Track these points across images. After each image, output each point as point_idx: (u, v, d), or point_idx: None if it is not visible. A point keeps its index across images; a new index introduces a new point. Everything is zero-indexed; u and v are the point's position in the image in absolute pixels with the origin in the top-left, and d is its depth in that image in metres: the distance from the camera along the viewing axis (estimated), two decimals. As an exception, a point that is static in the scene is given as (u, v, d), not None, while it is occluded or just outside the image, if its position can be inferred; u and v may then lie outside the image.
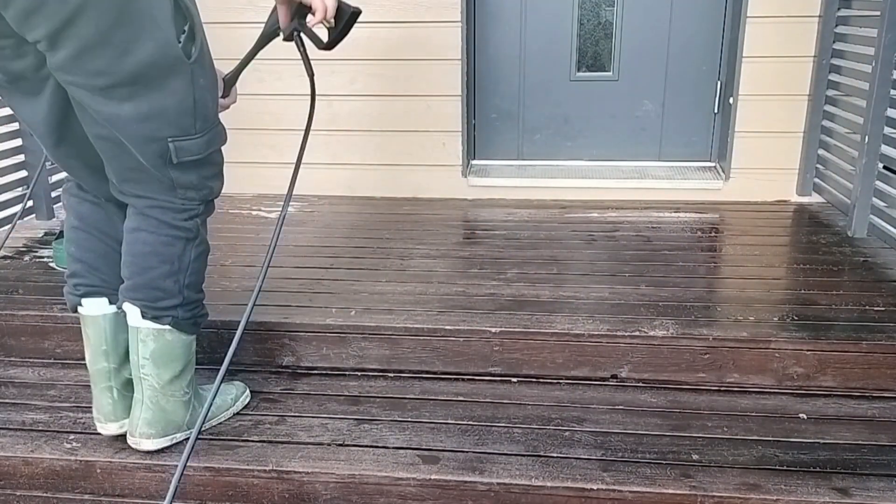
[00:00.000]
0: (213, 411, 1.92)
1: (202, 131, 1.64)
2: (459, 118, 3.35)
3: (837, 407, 2.01)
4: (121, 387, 1.84)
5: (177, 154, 1.61)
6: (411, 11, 3.23)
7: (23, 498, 1.87)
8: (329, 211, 3.30)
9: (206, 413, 1.62)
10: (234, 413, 1.99)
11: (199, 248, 1.76)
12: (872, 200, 2.79)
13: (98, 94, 1.51)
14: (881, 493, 1.65)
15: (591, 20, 3.41)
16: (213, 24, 3.31)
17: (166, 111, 1.56)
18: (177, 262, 1.71)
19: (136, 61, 1.48)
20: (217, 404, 1.94)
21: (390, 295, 2.37)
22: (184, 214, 1.71)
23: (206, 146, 1.67)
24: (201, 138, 1.64)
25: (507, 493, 1.72)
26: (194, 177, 1.68)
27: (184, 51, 1.53)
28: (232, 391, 2.01)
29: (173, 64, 1.52)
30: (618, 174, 3.44)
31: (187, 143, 1.62)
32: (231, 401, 1.99)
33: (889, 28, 2.61)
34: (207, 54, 1.62)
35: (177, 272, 1.71)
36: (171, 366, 1.77)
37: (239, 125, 3.48)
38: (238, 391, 2.03)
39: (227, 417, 1.97)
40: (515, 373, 2.17)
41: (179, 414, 1.82)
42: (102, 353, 1.82)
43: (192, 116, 1.60)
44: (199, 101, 1.60)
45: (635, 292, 2.37)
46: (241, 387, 2.05)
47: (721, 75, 3.38)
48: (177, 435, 1.83)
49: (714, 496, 1.66)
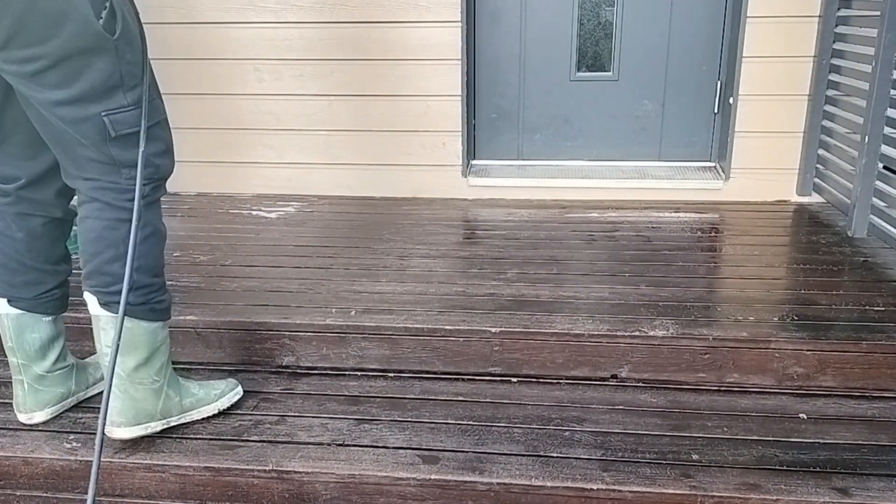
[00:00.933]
0: (192, 403, 1.93)
1: (135, 104, 1.65)
2: (459, 118, 3.36)
3: (837, 407, 2.01)
4: (32, 381, 1.91)
5: (113, 127, 1.62)
6: (411, 11, 3.23)
7: (23, 498, 1.87)
8: (329, 211, 3.30)
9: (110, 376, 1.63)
10: (218, 410, 1.97)
11: (146, 231, 1.74)
12: (872, 200, 2.79)
13: (30, 81, 1.55)
14: (881, 493, 1.65)
15: (591, 20, 3.41)
16: (214, 24, 3.34)
17: (95, 89, 1.59)
18: (122, 246, 1.71)
19: (60, 44, 1.52)
20: (198, 397, 1.93)
21: (390, 295, 2.37)
22: (128, 195, 1.70)
23: (144, 118, 1.68)
24: (136, 110, 1.65)
25: (507, 492, 1.72)
26: (136, 154, 1.68)
27: (105, 28, 1.55)
28: (219, 387, 2.00)
29: (97, 42, 1.55)
30: (618, 174, 3.44)
31: (122, 115, 1.63)
32: (215, 396, 1.97)
33: (889, 28, 2.60)
34: (135, 30, 1.64)
35: (124, 255, 1.71)
36: (134, 353, 1.78)
37: (239, 125, 3.49)
38: (226, 388, 2.01)
39: (210, 413, 1.95)
40: (515, 373, 2.17)
41: (150, 402, 1.84)
42: (10, 350, 1.89)
43: (122, 91, 1.62)
44: (126, 76, 1.62)
45: (635, 292, 2.37)
46: (232, 384, 2.04)
47: (721, 75, 3.38)
48: (151, 424, 1.85)
49: (714, 496, 1.66)
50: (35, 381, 1.93)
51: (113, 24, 1.57)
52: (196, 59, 3.39)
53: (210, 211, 3.29)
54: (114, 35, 1.57)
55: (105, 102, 1.61)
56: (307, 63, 3.35)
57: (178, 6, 3.32)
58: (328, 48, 3.32)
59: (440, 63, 3.29)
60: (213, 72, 3.40)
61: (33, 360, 1.90)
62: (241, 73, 3.39)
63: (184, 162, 3.50)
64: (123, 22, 1.59)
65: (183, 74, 3.42)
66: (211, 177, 3.55)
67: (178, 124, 3.48)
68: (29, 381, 1.92)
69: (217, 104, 3.45)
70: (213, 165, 3.54)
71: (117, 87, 1.61)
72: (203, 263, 2.65)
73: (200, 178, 3.54)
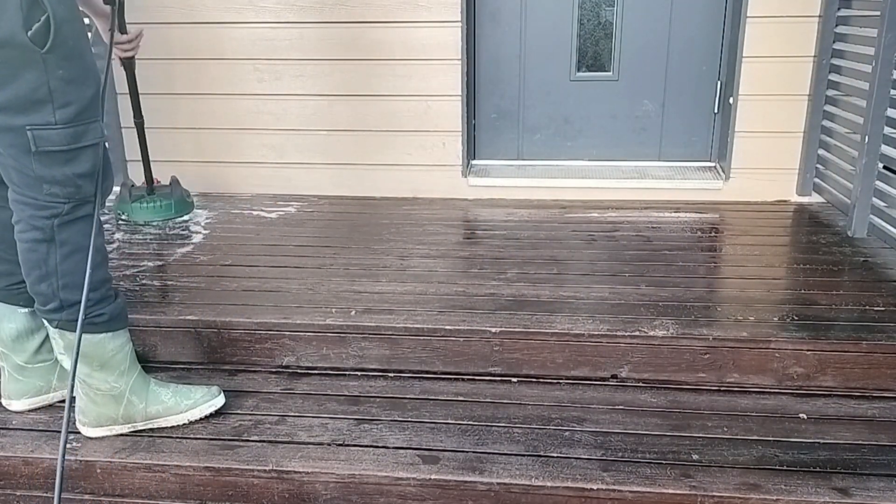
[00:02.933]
0: (158, 412, 1.91)
1: (65, 123, 1.62)
2: (459, 118, 3.36)
3: (837, 407, 2.01)
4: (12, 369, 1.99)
5: (35, 142, 1.61)
6: (411, 11, 3.23)
7: (23, 498, 1.87)
8: (329, 211, 3.30)
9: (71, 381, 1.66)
10: (188, 420, 1.93)
11: (64, 250, 1.72)
12: (872, 200, 2.79)
13: None
14: (881, 493, 1.65)
15: (591, 20, 3.41)
16: (214, 24, 3.34)
17: (20, 100, 1.57)
18: (44, 267, 1.72)
19: None
20: (166, 406, 1.91)
21: (390, 295, 2.37)
22: (45, 212, 1.69)
23: (73, 139, 1.64)
24: (64, 130, 1.63)
25: (507, 492, 1.72)
26: (59, 172, 1.66)
27: (33, 40, 1.54)
28: (194, 396, 1.95)
29: (22, 53, 1.54)
30: (618, 174, 3.44)
31: (47, 132, 1.61)
32: (185, 407, 1.93)
33: (889, 28, 2.61)
34: (76, 48, 1.62)
35: (47, 276, 1.72)
36: (85, 361, 1.80)
37: (239, 125, 3.49)
38: (201, 399, 1.96)
39: (178, 423, 1.93)
40: (515, 373, 2.17)
41: (110, 407, 1.86)
42: None
43: (50, 106, 1.60)
44: (55, 92, 1.59)
45: (635, 292, 2.37)
46: (211, 394, 1.98)
47: (721, 75, 3.38)
48: (115, 427, 1.88)
49: (714, 496, 1.66)
50: (14, 370, 1.98)
51: (44, 38, 1.55)
52: (196, 59, 3.39)
53: (210, 211, 3.29)
54: (43, 48, 1.55)
55: (30, 116, 1.59)
56: (307, 63, 3.35)
57: (178, 6, 3.32)
58: (328, 48, 3.32)
59: (440, 63, 3.29)
60: (213, 72, 3.40)
61: (11, 350, 1.96)
62: (241, 73, 3.39)
63: (184, 162, 3.52)
64: (57, 37, 1.56)
65: (183, 74, 3.42)
66: (211, 177, 3.55)
67: (179, 124, 3.49)
68: (9, 369, 1.99)
69: (217, 104, 3.45)
70: (213, 165, 3.54)
71: (45, 101, 1.59)
72: (203, 263, 2.65)
73: (200, 178, 3.54)
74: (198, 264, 2.65)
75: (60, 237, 1.71)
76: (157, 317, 2.24)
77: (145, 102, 3.14)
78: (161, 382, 1.97)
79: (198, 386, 2.00)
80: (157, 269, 2.61)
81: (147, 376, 1.94)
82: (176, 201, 3.20)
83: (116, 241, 2.92)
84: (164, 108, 3.46)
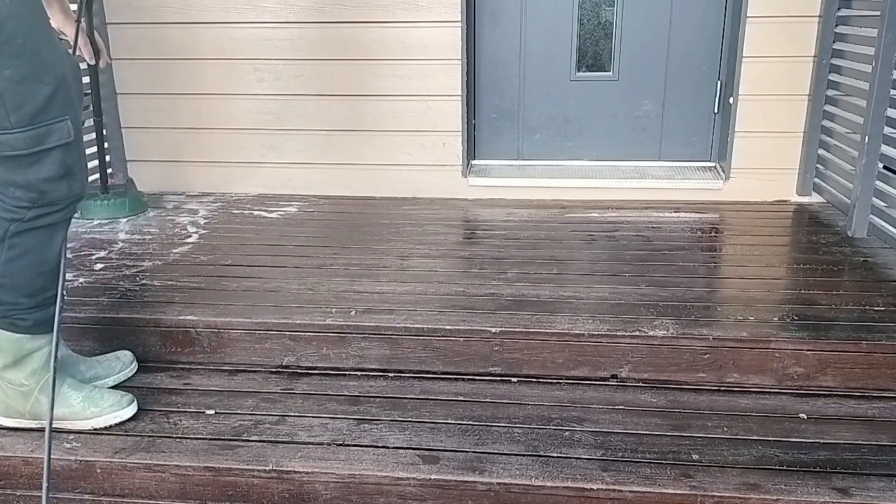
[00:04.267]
0: (64, 414, 1.88)
1: (22, 126, 1.56)
2: (459, 118, 3.36)
3: (837, 407, 2.01)
4: None
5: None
6: (411, 11, 3.23)
7: (23, 498, 1.87)
8: (329, 211, 3.30)
9: None
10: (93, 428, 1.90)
11: (11, 254, 1.69)
12: (872, 200, 2.79)
13: None
14: (881, 493, 1.65)
15: (591, 20, 3.41)
16: (214, 24, 3.34)
17: None
18: None
19: None
20: (73, 410, 1.89)
21: (390, 295, 2.37)
22: (6, 214, 1.65)
23: (34, 142, 1.59)
24: (23, 133, 1.57)
25: (507, 492, 1.72)
26: (21, 177, 1.61)
27: None
28: (104, 404, 1.92)
29: None
30: (618, 174, 3.44)
31: (4, 136, 1.56)
32: (91, 414, 1.90)
33: (889, 28, 2.61)
34: (26, 45, 1.54)
35: None
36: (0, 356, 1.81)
37: (239, 125, 3.49)
38: (109, 408, 1.93)
39: (82, 429, 1.90)
40: (515, 373, 2.17)
41: (18, 402, 1.88)
42: None
43: (3, 109, 1.54)
44: (6, 93, 1.54)
45: (635, 292, 2.37)
46: (123, 403, 1.94)
47: (721, 75, 3.38)
48: (23, 421, 1.90)
49: (714, 496, 1.66)
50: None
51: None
52: (196, 59, 3.39)
53: (210, 210, 3.29)
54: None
55: None
56: (307, 63, 3.35)
57: (178, 6, 3.32)
58: (328, 48, 3.32)
59: (440, 63, 3.29)
60: (213, 72, 3.40)
61: None
62: (241, 73, 3.39)
63: (184, 162, 3.53)
64: (1, 34, 1.50)
65: (183, 74, 3.42)
66: (211, 177, 3.55)
67: (178, 124, 3.49)
68: None
69: (217, 104, 3.45)
70: (213, 165, 3.54)
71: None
72: (203, 263, 2.65)
73: (200, 178, 3.54)
74: (198, 264, 2.65)
75: (12, 241, 1.68)
76: (157, 317, 2.24)
77: (146, 102, 3.15)
78: (77, 384, 1.93)
79: (112, 392, 1.97)
80: (156, 268, 2.61)
81: (65, 376, 1.91)
82: (130, 200, 3.23)
83: (117, 241, 2.92)
84: (164, 108, 3.46)
